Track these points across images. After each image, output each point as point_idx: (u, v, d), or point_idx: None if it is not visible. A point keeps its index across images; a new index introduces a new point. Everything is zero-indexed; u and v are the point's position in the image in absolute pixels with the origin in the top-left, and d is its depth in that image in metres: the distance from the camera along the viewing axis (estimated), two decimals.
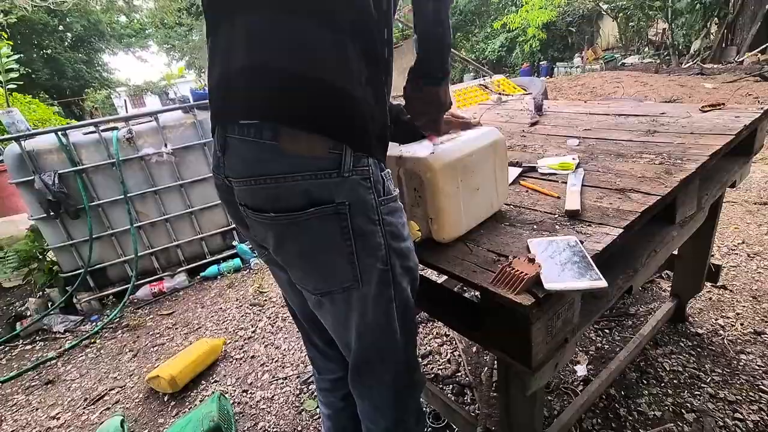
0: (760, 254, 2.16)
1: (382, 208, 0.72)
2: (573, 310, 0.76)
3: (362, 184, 0.69)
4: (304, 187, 0.67)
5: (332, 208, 0.68)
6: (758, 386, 1.43)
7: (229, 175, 0.73)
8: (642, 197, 0.92)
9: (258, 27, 0.65)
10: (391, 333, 0.80)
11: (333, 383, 1.10)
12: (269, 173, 0.67)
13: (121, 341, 2.50)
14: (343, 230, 0.69)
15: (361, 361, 0.84)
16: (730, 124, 1.27)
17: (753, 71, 7.02)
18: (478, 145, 0.87)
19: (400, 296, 0.78)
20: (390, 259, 0.74)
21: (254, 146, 0.67)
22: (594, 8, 12.08)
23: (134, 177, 2.85)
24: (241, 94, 0.68)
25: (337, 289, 0.75)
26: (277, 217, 0.69)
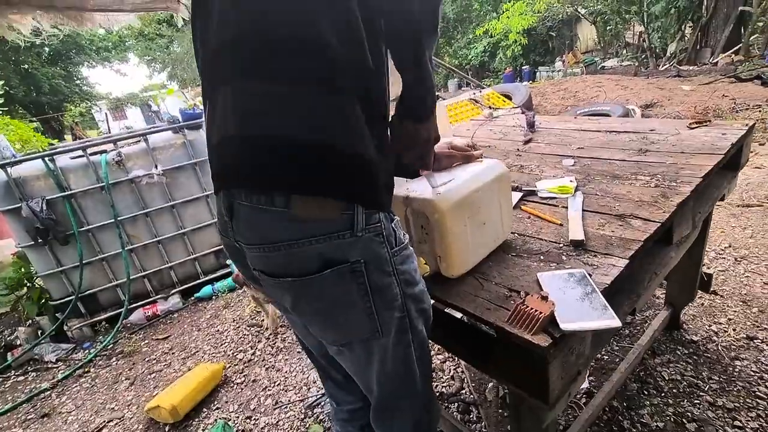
0: (746, 258, 2.23)
1: (396, 259, 0.73)
2: (585, 344, 0.78)
3: (375, 240, 0.69)
4: (318, 251, 0.67)
5: (348, 267, 0.68)
6: (755, 392, 1.47)
7: (239, 240, 0.73)
8: (642, 224, 0.95)
9: (258, 96, 0.64)
10: (411, 376, 0.82)
11: (351, 414, 1.11)
12: (282, 240, 0.66)
13: (117, 369, 2.45)
14: (360, 287, 0.70)
15: (383, 404, 0.86)
16: (718, 142, 1.32)
17: (727, 72, 7.26)
18: (483, 180, 0.88)
19: (417, 339, 0.80)
20: (406, 306, 0.75)
21: (265, 214, 0.66)
22: (573, 13, 12.36)
23: (124, 200, 2.80)
24: (247, 164, 0.67)
25: (356, 340, 0.76)
26: (293, 281, 0.69)
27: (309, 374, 2.03)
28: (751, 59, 8.11)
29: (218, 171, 0.73)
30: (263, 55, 0.63)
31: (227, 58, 0.67)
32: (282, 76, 0.63)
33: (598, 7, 11.36)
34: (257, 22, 0.63)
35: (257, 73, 0.64)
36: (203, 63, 0.73)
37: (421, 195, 0.84)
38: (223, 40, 0.67)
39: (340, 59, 0.63)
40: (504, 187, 0.94)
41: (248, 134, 0.66)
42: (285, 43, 0.62)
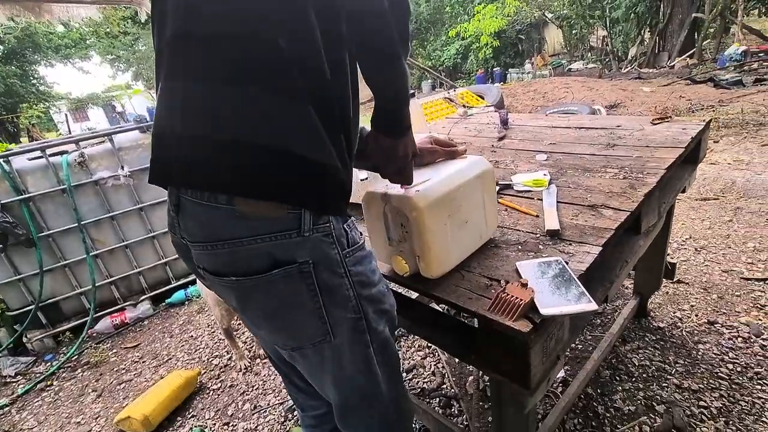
0: (705, 248, 2.37)
1: (348, 260, 0.71)
2: (564, 329, 0.80)
3: (324, 241, 0.68)
4: (265, 250, 0.65)
5: (296, 267, 0.66)
6: (717, 374, 1.56)
7: (185, 237, 0.71)
8: (613, 213, 0.98)
9: (208, 95, 0.62)
10: (372, 376, 0.80)
11: (318, 419, 1.09)
12: (227, 237, 0.65)
13: (82, 381, 2.32)
14: (309, 288, 0.68)
15: (344, 407, 0.84)
16: (679, 136, 1.39)
17: (683, 75, 7.69)
18: (466, 177, 0.85)
19: (377, 339, 0.78)
20: (362, 308, 0.74)
21: (210, 210, 0.64)
22: (540, 17, 12.77)
23: (88, 203, 2.67)
24: (190, 163, 0.65)
25: (307, 344, 0.74)
26: (238, 280, 0.67)
27: None
28: (704, 63, 8.62)
29: (161, 166, 0.70)
30: (216, 53, 0.61)
31: (179, 53, 0.65)
32: (232, 76, 0.61)
33: (564, 11, 11.79)
34: (211, 19, 0.61)
35: (208, 71, 0.62)
36: (157, 53, 0.70)
37: (399, 192, 0.81)
38: (175, 33, 0.64)
39: (292, 64, 0.61)
40: (488, 184, 0.91)
41: (194, 133, 0.63)
42: (235, 42, 0.60)
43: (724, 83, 6.41)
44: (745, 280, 2.03)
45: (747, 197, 2.86)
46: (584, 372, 1.50)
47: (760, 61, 7.50)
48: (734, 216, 2.64)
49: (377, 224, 0.88)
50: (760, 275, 2.03)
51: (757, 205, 2.72)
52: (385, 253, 0.90)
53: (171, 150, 0.67)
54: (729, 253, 2.26)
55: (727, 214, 2.68)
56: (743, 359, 1.60)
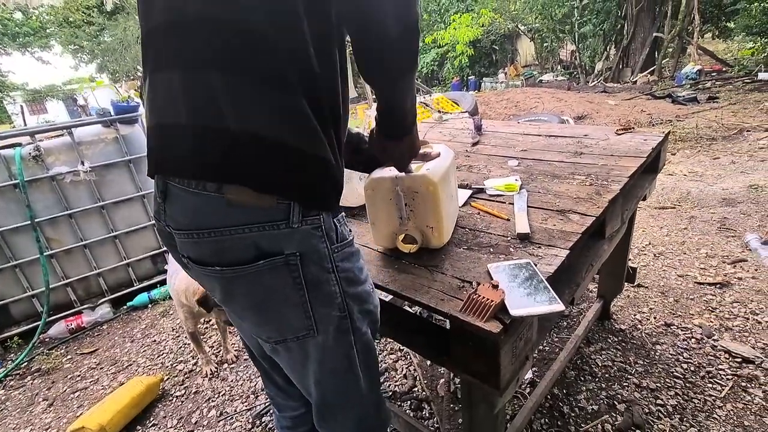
0: (663, 254, 2.49)
1: (336, 255, 0.70)
2: (532, 330, 0.82)
3: (313, 234, 0.67)
4: (252, 240, 0.64)
5: (282, 259, 0.65)
6: (673, 373, 1.64)
7: (170, 225, 0.69)
8: (580, 218, 1.02)
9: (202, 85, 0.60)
10: (353, 378, 0.79)
11: (294, 420, 1.07)
12: (214, 226, 0.63)
13: (32, 389, 2.17)
14: (295, 281, 0.67)
15: (323, 407, 0.83)
16: (641, 146, 1.46)
17: (644, 90, 8.13)
18: (449, 160, 1.00)
19: (360, 340, 0.77)
20: (347, 306, 0.73)
21: (197, 197, 0.63)
22: (514, 29, 13.18)
23: (43, 199, 2.51)
24: (182, 151, 0.64)
25: (291, 337, 0.73)
26: (223, 270, 0.66)
27: (257, 382, 1.94)
28: (663, 80, 9.15)
29: (153, 154, 0.69)
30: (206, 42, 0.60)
31: (170, 41, 0.62)
32: (223, 65, 0.60)
33: (536, 25, 12.22)
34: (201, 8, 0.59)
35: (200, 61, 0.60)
36: (146, 38, 0.67)
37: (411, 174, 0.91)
38: (168, 21, 0.62)
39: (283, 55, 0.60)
40: (454, 168, 1.08)
41: (186, 122, 0.62)
42: (226, 31, 0.59)
43: (681, 99, 6.83)
44: (698, 284, 2.16)
45: (700, 207, 3.04)
46: (551, 373, 1.54)
47: (713, 80, 8.04)
48: (689, 224, 2.80)
49: (383, 208, 0.96)
50: (711, 280, 2.16)
51: (709, 214, 2.90)
52: (389, 236, 0.99)
53: (162, 140, 0.66)
54: (684, 259, 2.40)
55: (682, 222, 2.84)
56: (696, 359, 1.69)
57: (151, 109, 0.68)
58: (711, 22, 10.67)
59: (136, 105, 2.87)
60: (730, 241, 2.51)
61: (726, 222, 2.74)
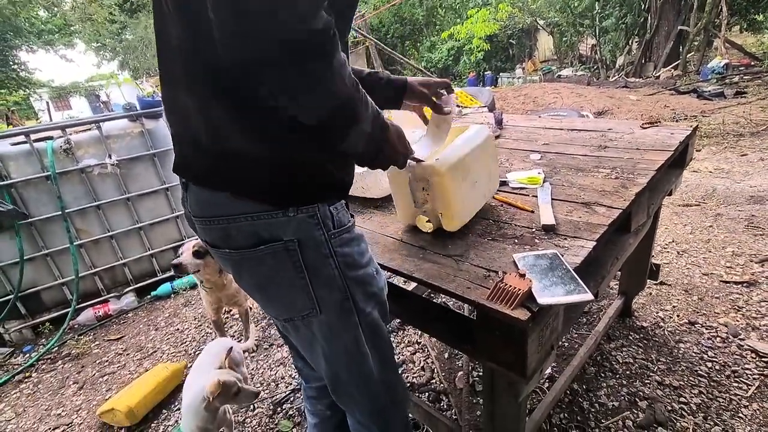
0: (687, 251, 2.44)
1: (334, 242, 0.74)
2: (558, 320, 0.82)
3: (309, 222, 0.72)
4: (253, 228, 0.70)
5: (282, 245, 0.71)
6: (697, 371, 1.61)
7: (191, 212, 0.77)
8: (606, 210, 1.01)
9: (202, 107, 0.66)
10: (361, 357, 0.83)
11: (319, 391, 1.12)
12: (221, 214, 0.70)
13: (63, 373, 2.27)
14: (295, 264, 0.72)
15: (334, 383, 0.87)
16: (667, 140, 1.43)
17: (668, 85, 7.90)
18: (473, 145, 1.00)
19: (365, 321, 0.81)
20: (349, 288, 0.77)
21: (208, 192, 0.71)
22: (532, 23, 12.94)
23: (73, 191, 2.61)
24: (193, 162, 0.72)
25: (296, 316, 0.78)
26: (230, 252, 0.73)
27: (277, 370, 1.99)
28: (688, 74, 8.87)
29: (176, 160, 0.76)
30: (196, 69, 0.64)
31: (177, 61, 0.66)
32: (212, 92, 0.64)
33: (555, 19, 11.97)
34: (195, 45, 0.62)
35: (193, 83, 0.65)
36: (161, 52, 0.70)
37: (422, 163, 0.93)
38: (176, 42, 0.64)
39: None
40: (490, 149, 1.07)
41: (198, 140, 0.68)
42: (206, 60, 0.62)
43: (706, 95, 6.61)
44: (724, 282, 2.11)
45: (727, 204, 2.96)
46: (570, 368, 1.53)
47: (740, 75, 7.76)
48: (714, 222, 2.73)
49: (402, 191, 1.02)
50: (738, 278, 2.11)
51: (736, 211, 2.82)
52: (410, 214, 1.05)
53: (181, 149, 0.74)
54: (709, 257, 2.34)
55: (707, 220, 2.76)
56: (721, 358, 1.66)
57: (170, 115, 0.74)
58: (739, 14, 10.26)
59: (160, 100, 2.94)
60: (758, 240, 2.44)
61: (754, 220, 2.66)
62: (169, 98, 0.70)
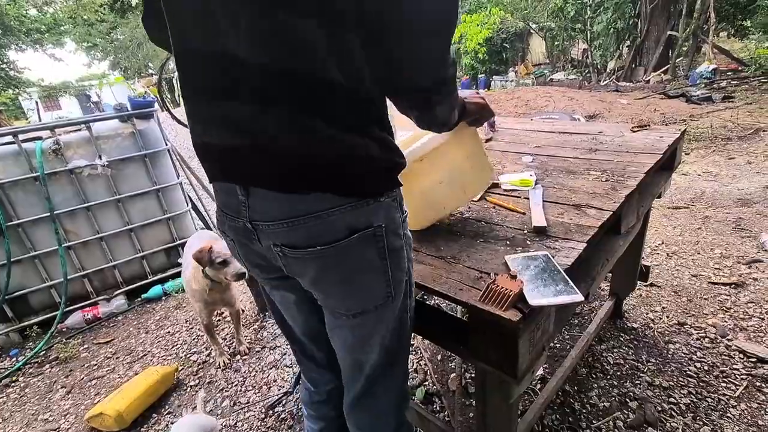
0: (676, 253, 2.47)
1: (405, 224, 0.77)
2: (549, 321, 0.83)
3: (392, 205, 0.74)
4: (345, 218, 0.69)
5: (371, 231, 0.71)
6: (686, 372, 1.63)
7: (255, 218, 0.72)
8: (596, 212, 1.02)
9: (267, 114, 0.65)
10: (405, 340, 0.86)
11: (329, 394, 1.11)
12: (310, 212, 0.68)
13: (51, 377, 2.23)
14: (380, 250, 0.73)
15: (377, 371, 0.87)
16: (656, 143, 1.45)
17: (658, 89, 8.02)
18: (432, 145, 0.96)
19: (412, 304, 0.85)
20: (409, 270, 0.80)
21: (296, 196, 0.68)
22: (525, 27, 13.07)
23: (62, 192, 2.57)
24: (273, 172, 0.68)
25: (371, 307, 0.78)
26: (321, 249, 0.70)
27: (269, 373, 1.97)
28: (677, 79, 9.02)
29: (236, 171, 0.72)
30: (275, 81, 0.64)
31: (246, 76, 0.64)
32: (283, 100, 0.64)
33: (547, 23, 12.10)
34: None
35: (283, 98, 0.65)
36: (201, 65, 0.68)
37: None
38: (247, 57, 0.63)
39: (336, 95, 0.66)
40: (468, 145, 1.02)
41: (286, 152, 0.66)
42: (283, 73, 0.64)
43: (695, 99, 6.72)
44: (712, 284, 2.14)
45: (715, 207, 3.01)
46: (562, 369, 1.54)
47: (728, 80, 7.90)
48: (703, 224, 2.77)
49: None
50: (726, 280, 2.14)
51: (723, 214, 2.86)
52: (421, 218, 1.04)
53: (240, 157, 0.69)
54: (698, 259, 2.37)
55: (696, 222, 2.81)
56: (710, 358, 1.68)
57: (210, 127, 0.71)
58: (727, 20, 10.46)
59: (152, 100, 2.92)
60: (746, 242, 2.48)
61: (741, 222, 2.71)
62: (221, 112, 0.68)
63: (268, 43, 0.60)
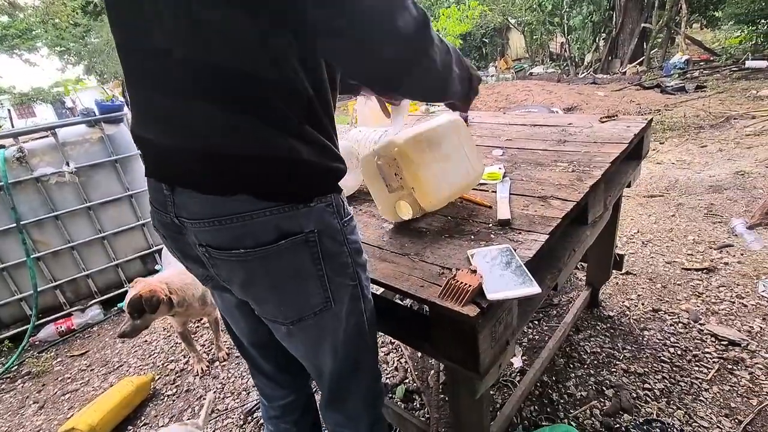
0: (651, 241, 2.52)
1: (346, 229, 0.74)
2: (512, 315, 0.82)
3: (327, 210, 0.71)
4: (274, 222, 0.66)
5: (302, 237, 0.68)
6: (660, 357, 1.66)
7: (182, 215, 0.69)
8: (561, 203, 1.02)
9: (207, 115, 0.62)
10: (364, 344, 0.84)
11: (283, 409, 1.09)
12: (235, 212, 0.65)
13: (23, 392, 2.16)
14: (314, 256, 0.70)
15: (338, 381, 0.86)
16: (623, 133, 1.46)
17: (633, 81, 8.17)
18: (437, 123, 1.04)
19: (368, 307, 0.82)
20: (357, 275, 0.77)
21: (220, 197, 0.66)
22: (504, 22, 13.17)
23: (29, 201, 2.48)
24: (201, 172, 0.65)
25: (309, 314, 0.75)
26: (246, 252, 0.67)
27: (248, 379, 1.94)
28: (652, 70, 9.20)
29: (163, 170, 0.70)
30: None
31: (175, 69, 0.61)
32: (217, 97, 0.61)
33: (526, 17, 12.21)
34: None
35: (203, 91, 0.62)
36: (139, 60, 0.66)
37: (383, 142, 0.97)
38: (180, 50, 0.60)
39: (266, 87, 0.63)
40: (461, 131, 1.09)
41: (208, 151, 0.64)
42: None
43: (669, 89, 6.87)
44: (685, 270, 2.18)
45: (688, 194, 3.07)
46: (540, 361, 1.55)
47: (700, 70, 8.09)
48: (677, 211, 2.82)
49: (376, 182, 1.02)
50: (698, 265, 2.19)
51: (696, 201, 2.93)
52: (388, 205, 1.04)
53: (172, 157, 0.67)
54: (672, 246, 2.42)
55: (670, 210, 2.86)
56: (683, 343, 1.71)
57: (147, 123, 0.69)
58: (698, 11, 10.72)
59: (120, 104, 2.83)
60: (717, 227, 2.54)
61: (713, 208, 2.77)
62: (154, 107, 0.65)
63: (190, 36, 0.57)
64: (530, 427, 1.46)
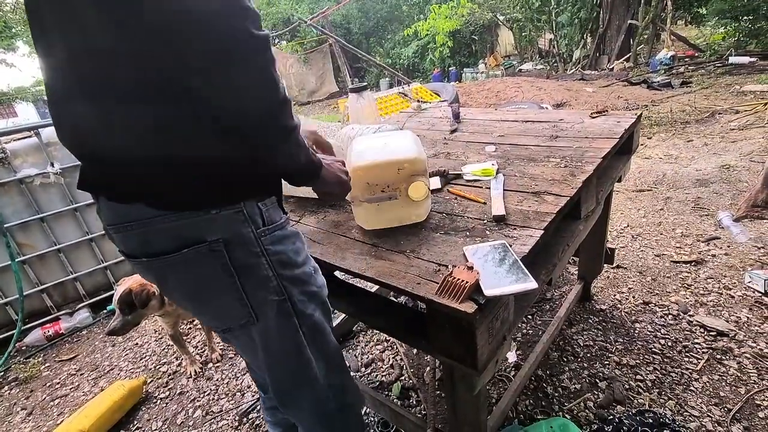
0: (641, 235, 2.55)
1: (264, 239, 0.70)
2: (508, 310, 0.82)
3: (235, 218, 0.67)
4: (175, 229, 0.64)
5: (206, 246, 0.65)
6: (651, 349, 1.68)
7: (102, 219, 0.70)
8: (554, 199, 1.03)
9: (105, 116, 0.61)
10: (303, 361, 0.80)
11: None
12: (136, 218, 0.64)
13: (10, 399, 2.11)
14: (224, 267, 0.67)
15: (278, 390, 0.84)
16: (614, 128, 1.48)
17: (621, 77, 8.25)
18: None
19: (306, 323, 0.78)
20: (285, 289, 0.73)
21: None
22: (492, 19, 13.19)
23: (12, 204, 2.42)
24: (107, 174, 0.65)
25: (234, 326, 0.73)
26: (150, 261, 0.66)
27: (242, 379, 1.92)
28: (639, 66, 9.31)
29: (84, 171, 0.69)
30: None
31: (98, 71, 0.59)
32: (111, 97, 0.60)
33: (514, 14, 12.25)
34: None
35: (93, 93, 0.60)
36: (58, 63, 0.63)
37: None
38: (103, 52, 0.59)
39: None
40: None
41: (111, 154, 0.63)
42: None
43: (655, 85, 6.95)
44: (674, 263, 2.21)
45: (675, 188, 3.12)
46: (534, 355, 1.56)
47: (686, 66, 8.21)
48: (665, 205, 2.87)
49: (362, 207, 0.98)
50: (687, 258, 2.22)
51: (683, 194, 2.97)
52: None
53: (84, 160, 0.67)
54: (661, 239, 2.45)
55: (659, 203, 2.90)
56: (673, 335, 1.74)
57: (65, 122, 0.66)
58: (684, 8, 10.87)
59: None
60: (704, 220, 2.58)
61: (700, 202, 2.82)
62: (66, 112, 0.64)
63: (87, 42, 0.56)
64: (526, 420, 1.48)
